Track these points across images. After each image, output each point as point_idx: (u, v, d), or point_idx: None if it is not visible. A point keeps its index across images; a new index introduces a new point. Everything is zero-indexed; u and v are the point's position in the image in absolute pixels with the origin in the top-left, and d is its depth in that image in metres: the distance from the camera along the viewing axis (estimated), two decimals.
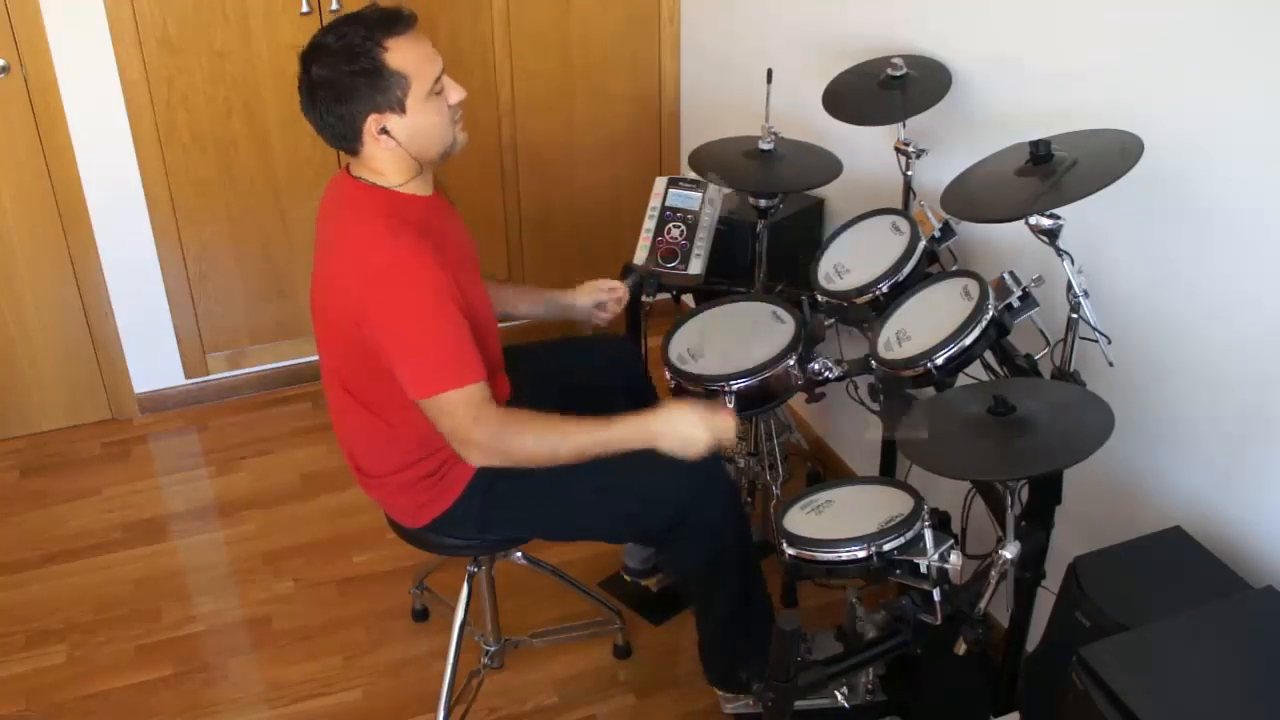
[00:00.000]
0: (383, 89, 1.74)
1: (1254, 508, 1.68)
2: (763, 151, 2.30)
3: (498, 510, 1.98)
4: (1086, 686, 1.35)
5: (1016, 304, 1.76)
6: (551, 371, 2.19)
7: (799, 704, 1.74)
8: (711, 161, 2.34)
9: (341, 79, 1.73)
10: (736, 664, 2.11)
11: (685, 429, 1.85)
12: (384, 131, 1.77)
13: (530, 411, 1.84)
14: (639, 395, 2.35)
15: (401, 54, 1.74)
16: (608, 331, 2.33)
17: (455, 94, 1.82)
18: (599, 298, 2.23)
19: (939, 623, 1.70)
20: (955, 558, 1.66)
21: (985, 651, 1.72)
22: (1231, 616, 1.46)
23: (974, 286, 1.80)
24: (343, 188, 1.87)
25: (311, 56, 1.75)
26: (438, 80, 1.79)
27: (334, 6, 2.98)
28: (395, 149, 1.79)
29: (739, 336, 2.10)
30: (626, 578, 2.56)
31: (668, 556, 2.20)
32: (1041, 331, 1.79)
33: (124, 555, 2.78)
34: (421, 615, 2.55)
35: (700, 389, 2.01)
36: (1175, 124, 1.69)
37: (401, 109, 1.76)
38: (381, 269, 1.74)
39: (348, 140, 1.79)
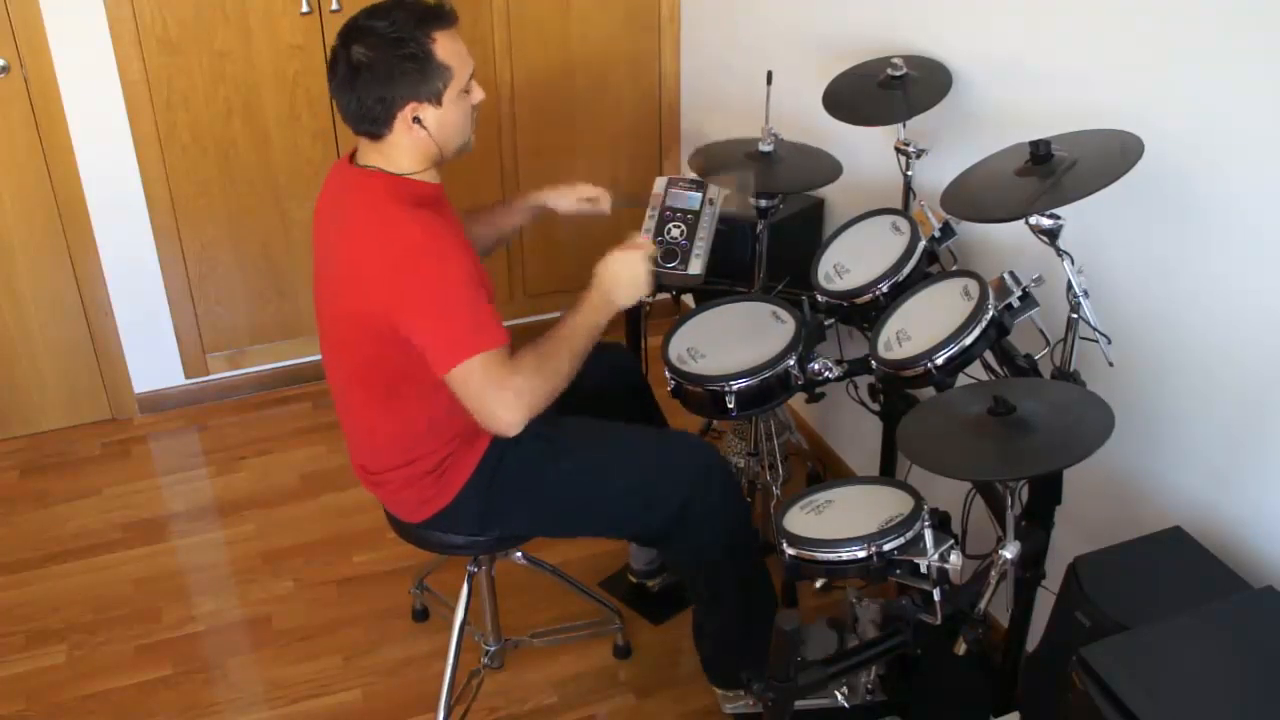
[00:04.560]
0: (429, 78, 1.77)
1: (1254, 508, 1.68)
2: (763, 153, 2.30)
3: (498, 505, 1.98)
4: (1086, 686, 1.35)
5: (1016, 304, 1.76)
6: None
7: (799, 704, 1.74)
8: (712, 163, 2.34)
9: (390, 63, 1.74)
10: (739, 662, 2.12)
11: (624, 272, 1.94)
12: (416, 120, 1.78)
13: (523, 353, 1.84)
14: (639, 402, 2.35)
15: (447, 47, 1.77)
16: (608, 339, 2.33)
17: (478, 94, 1.87)
18: (579, 208, 2.27)
19: (939, 623, 1.69)
20: (955, 558, 1.66)
21: (985, 651, 1.72)
22: (1231, 616, 1.46)
23: (974, 286, 1.80)
24: (348, 175, 1.87)
25: (355, 36, 1.76)
26: (470, 78, 1.83)
27: (334, 7, 2.98)
28: (424, 138, 1.81)
29: (739, 336, 2.10)
30: (632, 579, 2.56)
31: (670, 553, 2.20)
32: (1041, 331, 1.79)
33: (124, 555, 2.78)
34: (421, 615, 2.55)
35: (700, 389, 2.02)
36: (1175, 124, 1.69)
37: (438, 101, 1.79)
38: (408, 248, 1.76)
39: (377, 124, 1.80)
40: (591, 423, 2.08)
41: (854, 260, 2.11)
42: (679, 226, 2.34)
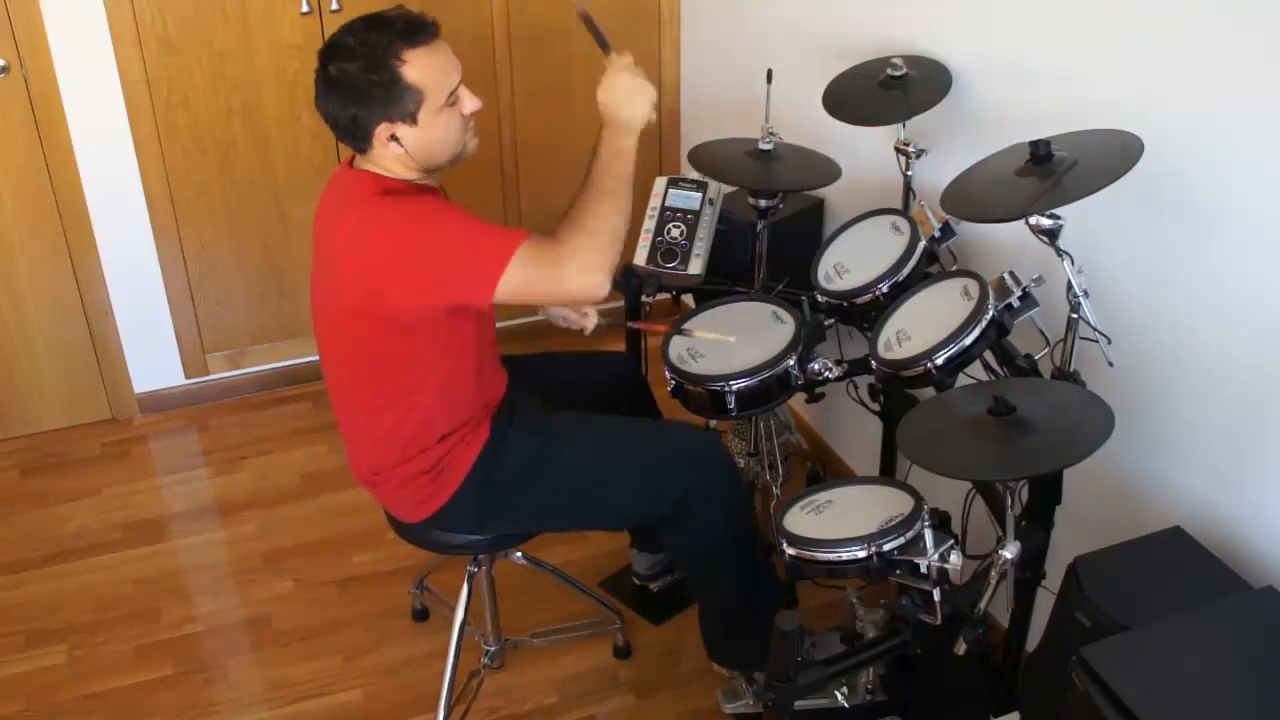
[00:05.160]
0: (396, 100, 1.75)
1: (1254, 508, 1.68)
2: (762, 152, 2.30)
3: (496, 502, 1.98)
4: (1086, 686, 1.35)
5: (1016, 304, 1.76)
6: (552, 383, 2.20)
7: (799, 704, 1.74)
8: (712, 161, 2.34)
9: (357, 84, 1.74)
10: (742, 643, 2.12)
11: (622, 87, 1.92)
12: (393, 138, 1.78)
13: (562, 225, 1.83)
14: (639, 404, 2.35)
15: (420, 67, 1.74)
16: (607, 348, 2.33)
17: (470, 104, 1.84)
18: (564, 319, 2.21)
19: (939, 623, 1.69)
20: (955, 558, 1.66)
21: (985, 651, 1.72)
22: (1231, 616, 1.46)
23: (974, 286, 1.80)
24: (344, 181, 1.88)
25: (331, 54, 1.76)
26: (453, 93, 1.80)
27: (334, 7, 2.98)
28: (403, 155, 1.80)
29: (739, 336, 2.10)
30: (635, 580, 2.56)
31: (672, 540, 2.20)
32: (1041, 331, 1.79)
33: (124, 555, 2.78)
34: (421, 615, 2.55)
35: (700, 389, 2.02)
36: (1175, 124, 1.69)
37: (413, 120, 1.77)
38: (399, 230, 1.75)
39: (356, 140, 1.81)
40: (588, 416, 2.08)
41: (854, 260, 2.11)
42: (679, 226, 2.33)
